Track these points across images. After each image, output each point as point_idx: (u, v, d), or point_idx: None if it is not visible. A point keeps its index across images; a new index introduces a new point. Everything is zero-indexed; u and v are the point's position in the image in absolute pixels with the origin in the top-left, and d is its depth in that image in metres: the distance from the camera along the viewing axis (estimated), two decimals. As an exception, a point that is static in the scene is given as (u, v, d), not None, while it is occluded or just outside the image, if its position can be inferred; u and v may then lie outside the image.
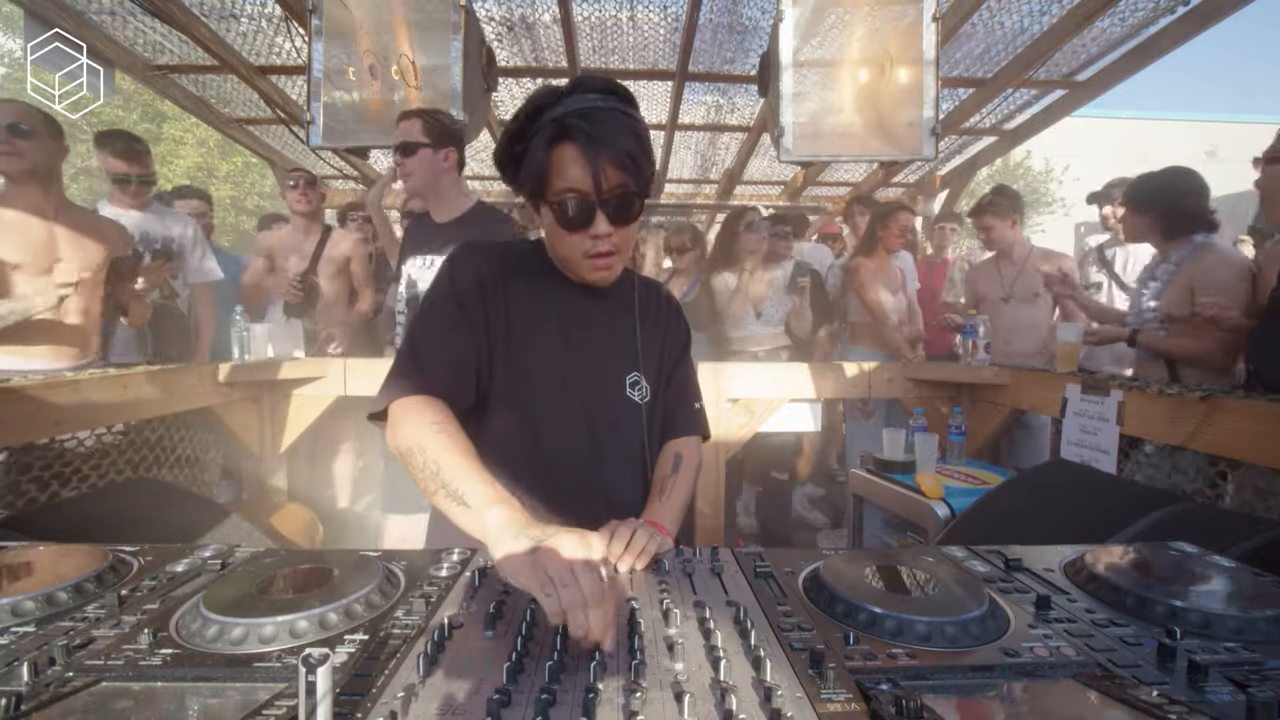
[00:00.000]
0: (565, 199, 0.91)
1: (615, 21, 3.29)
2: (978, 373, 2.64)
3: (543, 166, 0.90)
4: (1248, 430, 1.61)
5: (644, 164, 0.92)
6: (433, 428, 0.87)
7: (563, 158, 0.89)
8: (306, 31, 2.62)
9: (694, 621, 0.67)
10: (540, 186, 0.92)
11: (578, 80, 0.93)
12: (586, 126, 0.88)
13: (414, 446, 0.86)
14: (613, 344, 1.09)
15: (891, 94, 2.67)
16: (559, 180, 0.90)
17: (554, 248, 1.01)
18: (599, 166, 0.88)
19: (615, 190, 0.90)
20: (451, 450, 0.84)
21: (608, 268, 0.98)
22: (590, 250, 0.95)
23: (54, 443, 1.83)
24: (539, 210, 0.97)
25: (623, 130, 0.90)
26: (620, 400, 1.07)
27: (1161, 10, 2.92)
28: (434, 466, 0.83)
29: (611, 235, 0.94)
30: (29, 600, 0.69)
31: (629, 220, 0.95)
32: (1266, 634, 0.66)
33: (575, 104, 0.89)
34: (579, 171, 0.89)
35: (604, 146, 0.88)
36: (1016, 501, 1.56)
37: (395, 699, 0.50)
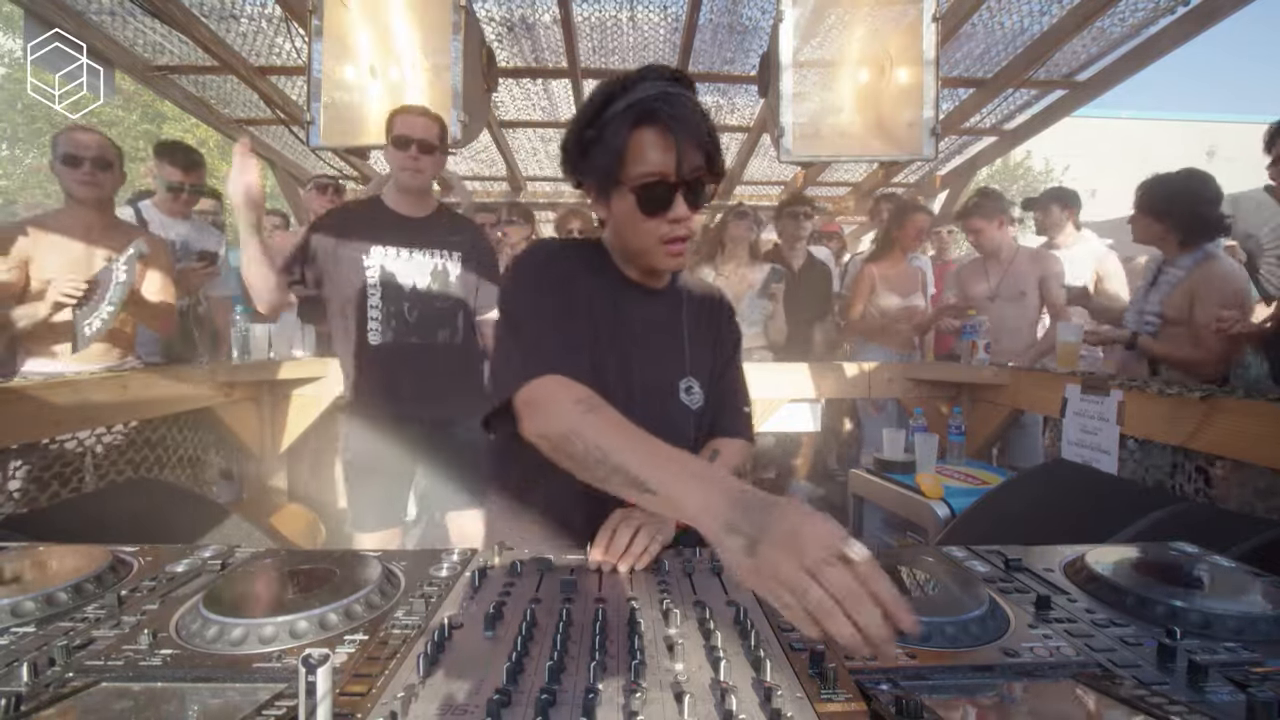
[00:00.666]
0: (645, 181, 0.90)
1: (615, 21, 3.29)
2: (978, 373, 2.64)
3: (621, 150, 0.90)
4: (1248, 430, 1.61)
5: (718, 148, 0.94)
6: (579, 408, 0.80)
7: (642, 141, 0.90)
8: (306, 31, 2.62)
9: (694, 621, 0.67)
10: (615, 171, 0.92)
11: (647, 68, 0.93)
12: (668, 109, 0.88)
13: (566, 432, 0.79)
14: (668, 347, 1.08)
15: (891, 94, 2.67)
16: (638, 164, 0.90)
17: (625, 237, 0.99)
18: (680, 149, 0.89)
19: (694, 173, 0.91)
20: (612, 429, 0.77)
21: (681, 253, 0.97)
22: (667, 235, 0.94)
23: (54, 443, 1.83)
24: (608, 199, 0.96)
25: (699, 115, 0.91)
26: (673, 404, 1.06)
27: (1161, 10, 2.91)
28: (598, 452, 0.75)
29: (689, 219, 0.94)
30: (29, 600, 0.69)
31: (702, 204, 0.95)
32: (1266, 634, 0.66)
33: (651, 89, 0.90)
34: (660, 154, 0.89)
35: (686, 129, 0.89)
36: (1016, 501, 1.56)
37: (395, 699, 0.50)
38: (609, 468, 0.74)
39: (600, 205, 1.00)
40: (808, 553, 0.54)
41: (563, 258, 1.03)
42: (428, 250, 1.96)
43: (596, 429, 0.77)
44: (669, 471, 0.69)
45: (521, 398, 0.87)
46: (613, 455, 0.74)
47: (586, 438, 0.76)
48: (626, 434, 0.76)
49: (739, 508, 0.60)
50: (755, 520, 0.58)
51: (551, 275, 1.00)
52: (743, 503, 0.61)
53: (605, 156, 0.92)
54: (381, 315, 1.92)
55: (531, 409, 0.86)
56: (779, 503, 0.60)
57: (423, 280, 1.95)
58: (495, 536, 1.04)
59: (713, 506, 0.62)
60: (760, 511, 0.59)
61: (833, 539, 0.54)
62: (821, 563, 0.53)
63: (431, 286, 1.96)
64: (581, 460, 0.77)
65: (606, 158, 0.92)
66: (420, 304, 1.95)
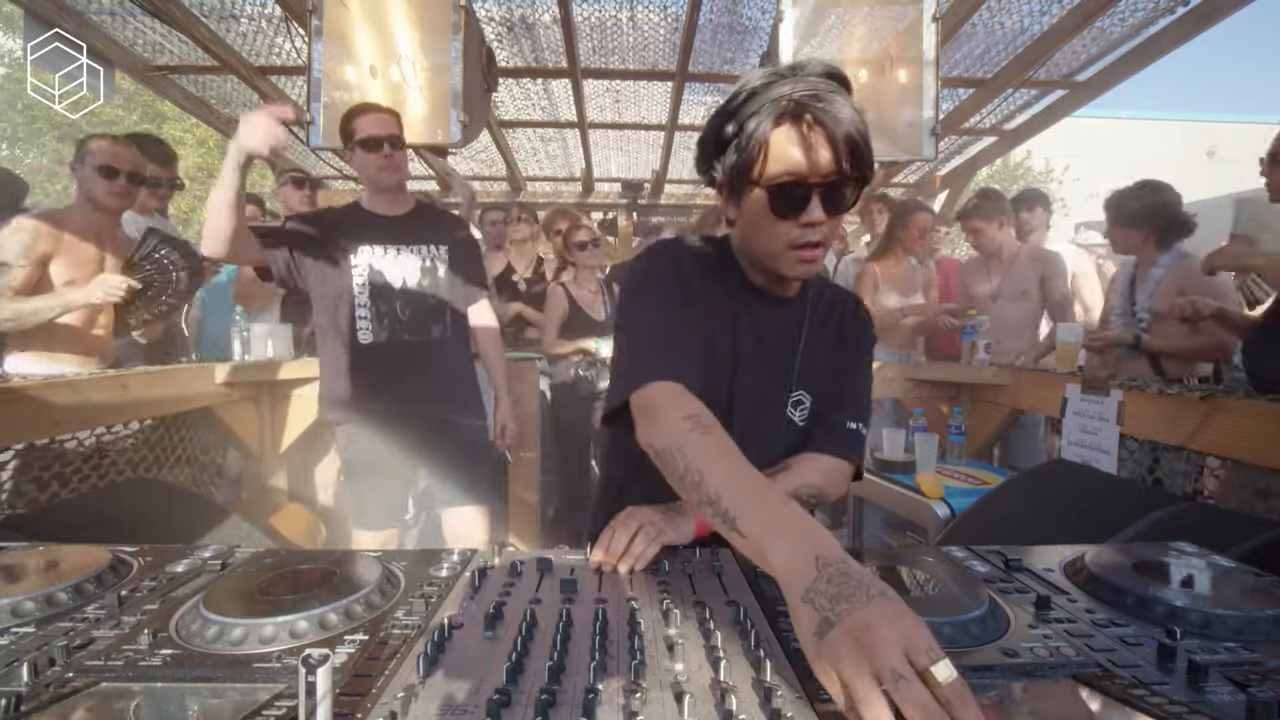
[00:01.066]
0: (781, 181, 0.86)
1: (615, 21, 3.29)
2: (978, 373, 2.64)
3: (760, 147, 0.85)
4: (1248, 430, 1.61)
5: (866, 149, 0.87)
6: (688, 424, 0.77)
7: (784, 139, 0.85)
8: (306, 32, 2.62)
9: (694, 621, 0.67)
10: (750, 169, 0.87)
11: (801, 63, 0.88)
12: (813, 105, 0.83)
13: (671, 448, 0.76)
14: (780, 360, 1.02)
15: (891, 94, 2.67)
16: (776, 162, 0.85)
17: (753, 240, 0.95)
18: (824, 149, 0.84)
19: (836, 175, 0.86)
20: (716, 456, 0.74)
21: (813, 260, 0.91)
22: (798, 240, 0.89)
23: (54, 443, 1.83)
24: (741, 198, 0.92)
25: (847, 112, 0.85)
26: (778, 420, 1.02)
27: (1161, 10, 2.92)
28: (696, 476, 0.72)
29: (824, 224, 0.88)
30: (29, 600, 0.69)
31: (842, 210, 0.89)
32: (1266, 634, 0.66)
33: (800, 83, 0.85)
34: (801, 153, 0.84)
35: (829, 127, 0.83)
36: (1016, 501, 1.56)
37: (395, 699, 0.50)
38: (703, 495, 0.71)
39: (731, 204, 0.95)
40: (880, 655, 0.46)
41: (685, 260, 1.00)
42: (414, 247, 1.96)
43: (700, 451, 0.74)
44: (761, 517, 0.65)
45: (636, 401, 0.86)
46: (709, 483, 0.71)
47: (689, 458, 0.74)
48: (729, 464, 0.72)
49: (825, 577, 0.54)
50: (836, 597, 0.52)
51: (673, 278, 0.97)
52: (829, 573, 0.55)
53: (742, 152, 0.87)
54: (372, 314, 1.91)
55: (644, 415, 0.85)
56: (867, 584, 0.53)
57: (413, 277, 1.95)
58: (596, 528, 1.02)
59: (798, 568, 0.57)
60: (843, 588, 0.53)
61: (917, 646, 0.47)
62: (894, 673, 0.45)
63: (422, 283, 1.96)
64: (680, 479, 0.75)
65: (743, 153, 0.87)
66: (412, 301, 1.94)
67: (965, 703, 0.45)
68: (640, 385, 0.86)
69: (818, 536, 0.60)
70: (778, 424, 1.03)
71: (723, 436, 0.77)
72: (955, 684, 0.45)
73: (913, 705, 0.44)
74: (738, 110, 0.88)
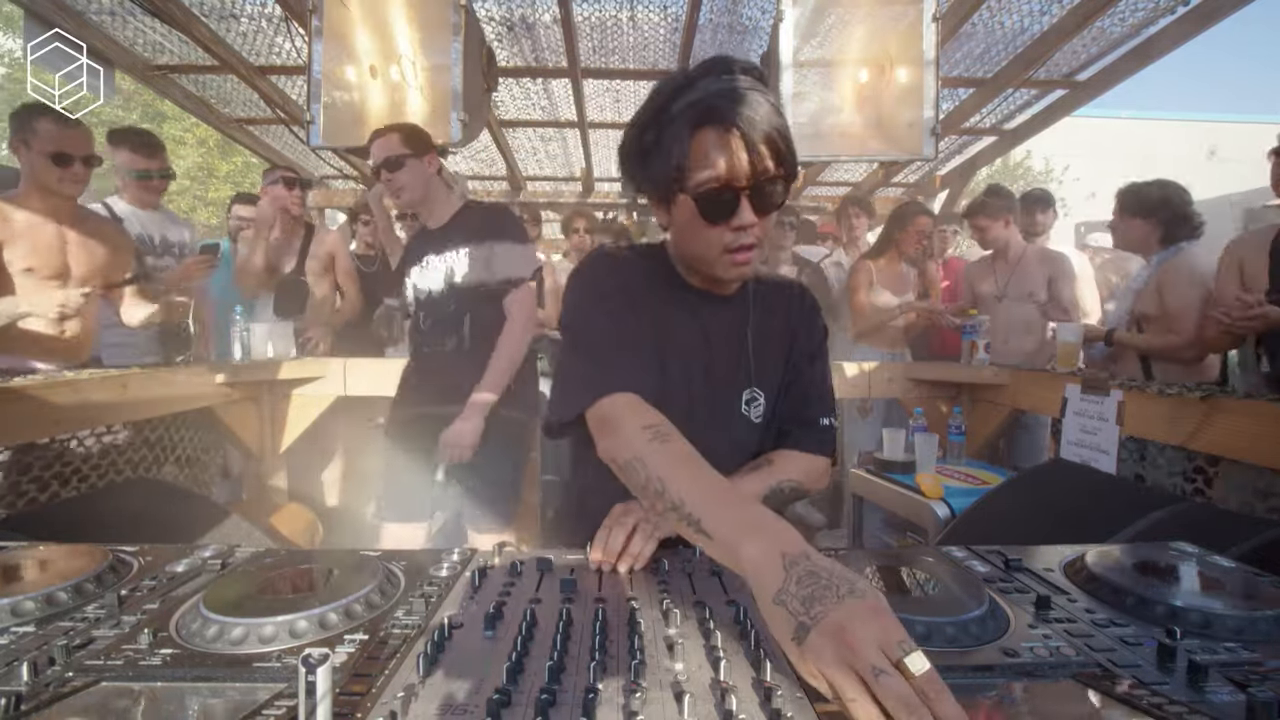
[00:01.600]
0: (707, 187, 0.84)
1: (615, 21, 3.29)
2: (978, 373, 2.64)
3: (681, 154, 0.84)
4: (1248, 430, 1.61)
5: (790, 145, 0.86)
6: (647, 434, 0.78)
7: (705, 143, 0.83)
8: (306, 31, 2.62)
9: (694, 621, 0.67)
10: (676, 177, 0.86)
11: (711, 62, 0.86)
12: (731, 107, 0.81)
13: (632, 459, 0.77)
14: (730, 358, 1.01)
15: (891, 94, 2.67)
16: (701, 169, 0.84)
17: (686, 245, 0.95)
18: (747, 150, 0.82)
19: (762, 176, 0.84)
20: (676, 462, 0.74)
21: (747, 263, 0.90)
22: (731, 244, 0.88)
23: (54, 443, 1.83)
24: (670, 205, 0.91)
25: (767, 111, 0.83)
26: (735, 419, 1.01)
27: (1161, 10, 2.91)
28: (658, 484, 0.73)
29: (755, 226, 0.87)
30: (29, 600, 0.69)
31: (773, 208, 0.88)
32: (1266, 634, 0.66)
33: (714, 85, 0.83)
34: (724, 157, 0.83)
35: (752, 129, 0.82)
36: (1016, 501, 1.56)
37: (395, 699, 0.50)
38: (666, 502, 0.72)
39: (661, 212, 0.94)
40: (860, 653, 0.48)
41: (623, 268, 1.00)
42: (442, 255, 1.99)
43: (661, 460, 0.75)
44: (726, 518, 0.65)
45: (593, 415, 0.86)
46: (671, 490, 0.71)
47: (650, 467, 0.75)
48: (691, 470, 0.73)
49: (794, 578, 0.55)
50: (808, 599, 0.53)
51: (613, 287, 0.97)
52: (796, 573, 0.55)
53: (665, 161, 0.86)
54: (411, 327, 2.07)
55: (602, 429, 0.84)
56: (836, 583, 0.53)
57: (436, 288, 1.99)
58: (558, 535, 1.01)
59: (766, 569, 0.58)
60: (813, 589, 0.53)
61: (890, 640, 0.48)
62: (875, 669, 0.47)
63: (441, 292, 1.98)
64: (642, 489, 0.76)
65: (666, 162, 0.86)
66: (433, 313, 1.99)
67: (940, 694, 0.46)
68: (595, 399, 0.86)
69: (783, 535, 0.61)
70: (732, 422, 1.02)
71: (682, 443, 0.77)
72: (929, 675, 0.46)
73: (893, 699, 0.45)
74: (655, 118, 0.87)
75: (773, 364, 1.04)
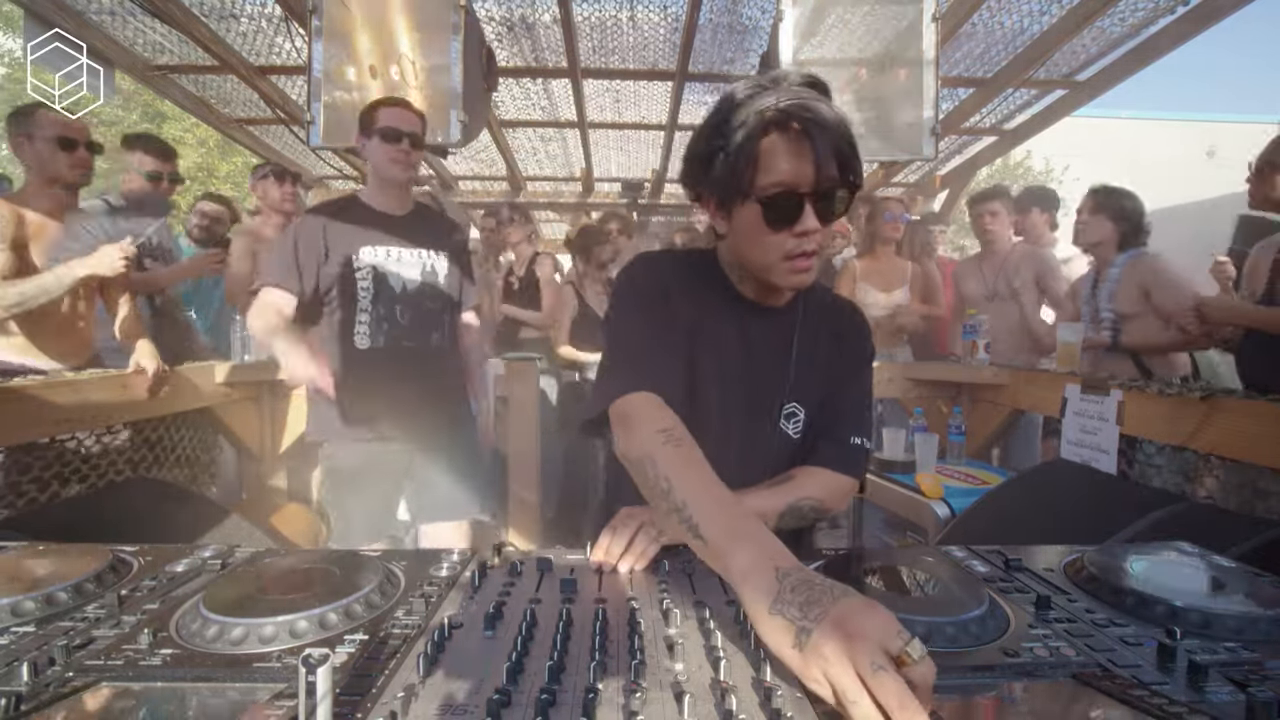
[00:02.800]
0: (774, 192, 0.85)
1: (615, 21, 3.29)
2: (978, 373, 2.64)
3: (752, 158, 0.85)
4: (1247, 430, 1.61)
5: (855, 156, 0.87)
6: (660, 436, 0.80)
7: (774, 148, 0.85)
8: (306, 31, 2.62)
9: (694, 621, 0.67)
10: (741, 181, 0.86)
11: (779, 74, 0.89)
12: (801, 114, 0.83)
13: (643, 458, 0.79)
14: (772, 371, 1.01)
15: (891, 94, 2.67)
16: (768, 174, 0.85)
17: (745, 252, 0.94)
18: (814, 157, 0.83)
19: (829, 184, 0.86)
20: (684, 466, 0.76)
21: (807, 270, 0.90)
22: (793, 250, 0.88)
23: (54, 443, 1.83)
24: (732, 211, 0.91)
25: (833, 120, 0.85)
26: (770, 433, 1.01)
27: (1161, 10, 2.91)
28: (665, 484, 0.75)
29: (817, 233, 0.88)
30: (29, 600, 0.69)
31: (835, 217, 0.89)
32: (1266, 634, 0.66)
33: (785, 93, 0.85)
34: (792, 164, 0.84)
35: (818, 136, 0.83)
36: (1016, 501, 1.56)
37: (395, 699, 0.50)
38: (671, 504, 0.73)
39: (720, 218, 0.94)
40: (861, 652, 0.49)
41: (670, 272, 1.01)
42: (415, 249, 1.92)
43: (670, 462, 0.77)
44: (723, 526, 0.67)
45: (614, 411, 0.88)
46: (676, 492, 0.73)
47: (659, 468, 0.77)
48: (697, 475, 0.74)
49: (788, 587, 0.57)
50: (805, 604, 0.55)
51: (655, 289, 0.98)
52: (790, 582, 0.57)
53: (732, 165, 0.86)
54: (371, 318, 1.86)
55: (621, 426, 0.87)
56: (829, 587, 0.56)
57: (413, 281, 1.91)
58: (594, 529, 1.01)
59: (758, 577, 0.59)
60: (809, 595, 0.56)
61: (888, 636, 0.50)
62: (875, 666, 0.48)
63: (422, 288, 1.92)
64: (651, 488, 0.78)
65: (734, 167, 0.86)
66: (412, 306, 1.90)
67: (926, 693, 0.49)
68: (618, 396, 0.88)
69: (775, 548, 0.63)
70: (769, 436, 1.02)
71: (693, 449, 0.79)
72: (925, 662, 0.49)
73: (889, 694, 0.47)
74: (724, 124, 0.88)
75: (816, 380, 1.04)
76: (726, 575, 0.64)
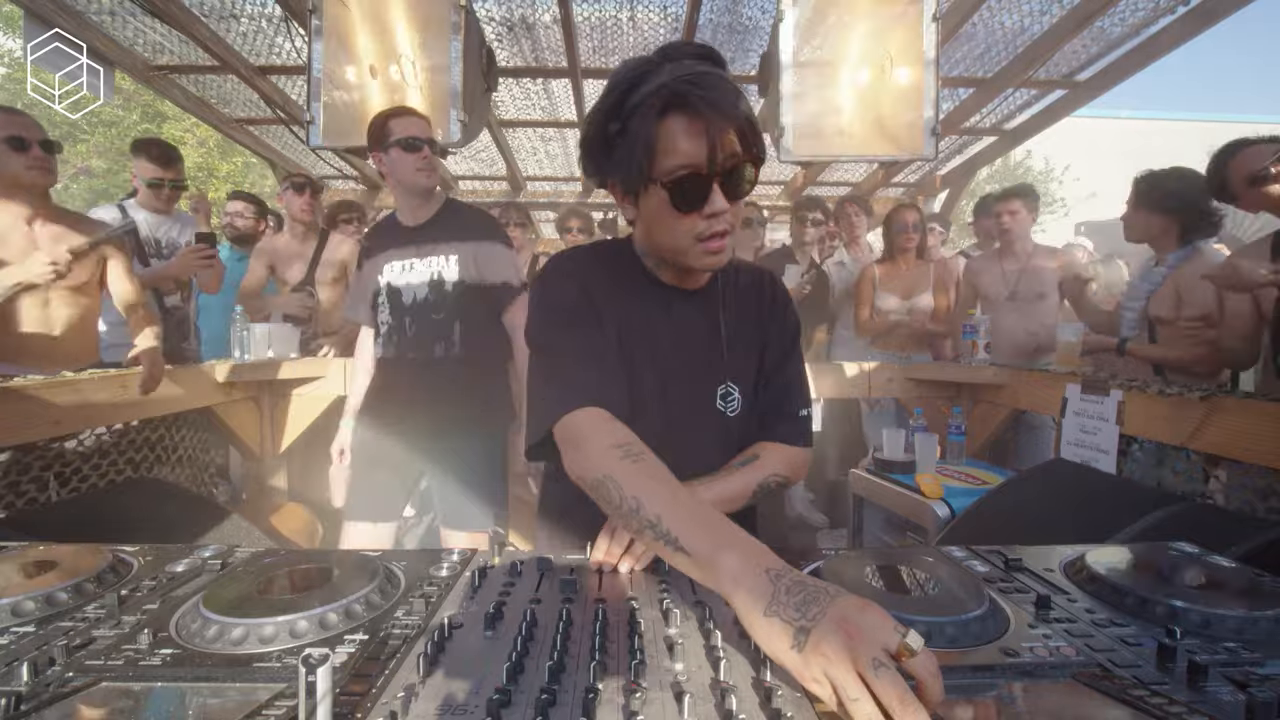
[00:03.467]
0: (677, 174, 0.82)
1: (615, 21, 3.29)
2: (978, 373, 2.64)
3: (649, 143, 0.81)
4: (1248, 430, 1.61)
5: (757, 130, 0.84)
6: (617, 453, 0.76)
7: (672, 130, 0.80)
8: (306, 31, 2.62)
9: (694, 621, 0.67)
10: (644, 166, 0.83)
11: (669, 47, 0.84)
12: (696, 92, 0.78)
13: (603, 478, 0.75)
14: (703, 354, 1.00)
15: (891, 94, 2.67)
16: (669, 157, 0.81)
17: (656, 237, 0.92)
18: (715, 135, 0.79)
19: (732, 161, 0.82)
20: (651, 481, 0.73)
21: (720, 250, 0.87)
22: (704, 232, 0.85)
23: (54, 443, 1.83)
24: (638, 197, 0.88)
25: (732, 95, 0.81)
26: (707, 415, 1.00)
27: (1161, 10, 2.92)
28: (633, 503, 0.71)
29: (726, 212, 0.85)
30: (29, 600, 0.69)
31: (743, 193, 0.86)
32: (1266, 634, 0.66)
33: (677, 71, 0.80)
34: (693, 144, 0.80)
35: (718, 113, 0.79)
36: (1016, 501, 1.56)
37: (395, 699, 0.50)
38: (642, 521, 0.70)
39: (627, 205, 0.92)
40: (861, 650, 0.50)
41: (584, 272, 0.98)
42: (426, 258, 1.92)
43: (633, 479, 0.73)
44: (703, 535, 0.65)
45: (559, 432, 0.84)
46: (648, 508, 0.70)
47: (622, 487, 0.73)
48: (665, 489, 0.72)
49: (782, 589, 0.57)
50: (801, 604, 0.55)
51: (575, 293, 0.95)
52: (783, 584, 0.57)
53: (631, 151, 0.83)
54: (387, 330, 1.96)
55: (570, 447, 0.82)
56: (823, 587, 0.56)
57: (420, 292, 1.92)
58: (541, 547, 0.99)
59: (750, 581, 0.59)
60: (804, 595, 0.56)
61: (886, 633, 0.50)
62: (876, 664, 0.49)
63: (428, 298, 1.91)
64: (616, 508, 0.74)
65: (632, 153, 0.83)
66: (418, 318, 1.92)
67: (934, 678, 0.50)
68: (560, 416, 0.84)
69: (761, 551, 0.63)
70: (708, 418, 1.01)
71: (654, 461, 0.76)
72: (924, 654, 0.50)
73: (888, 691, 0.47)
74: (616, 106, 0.84)
75: (746, 357, 1.03)
76: (715, 584, 0.63)
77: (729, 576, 0.61)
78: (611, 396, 0.86)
